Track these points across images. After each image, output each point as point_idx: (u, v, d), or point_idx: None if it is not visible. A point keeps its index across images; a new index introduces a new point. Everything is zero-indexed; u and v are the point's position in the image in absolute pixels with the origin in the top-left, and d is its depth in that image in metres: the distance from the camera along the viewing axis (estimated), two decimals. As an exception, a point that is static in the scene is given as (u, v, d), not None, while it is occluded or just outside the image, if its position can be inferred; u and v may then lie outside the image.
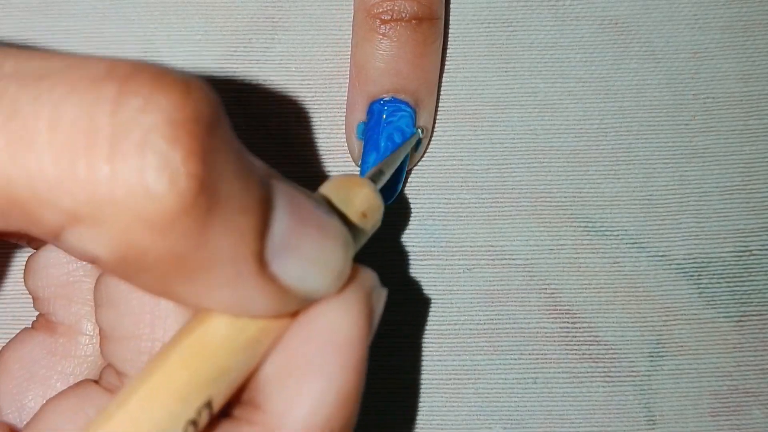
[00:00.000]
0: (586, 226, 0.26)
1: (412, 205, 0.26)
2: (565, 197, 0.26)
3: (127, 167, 0.12)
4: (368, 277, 0.17)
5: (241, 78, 0.26)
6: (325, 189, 0.18)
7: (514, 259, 0.26)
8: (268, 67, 0.26)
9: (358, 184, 0.18)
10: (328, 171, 0.26)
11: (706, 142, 0.26)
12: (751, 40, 0.26)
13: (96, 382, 0.18)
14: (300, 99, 0.26)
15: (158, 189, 0.12)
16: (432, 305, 0.25)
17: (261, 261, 0.14)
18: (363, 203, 0.18)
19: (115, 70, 0.13)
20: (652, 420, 0.25)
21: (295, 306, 0.15)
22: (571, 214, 0.26)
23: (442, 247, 0.26)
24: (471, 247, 0.26)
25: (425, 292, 0.25)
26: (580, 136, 0.26)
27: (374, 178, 0.20)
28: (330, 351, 0.16)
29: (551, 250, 0.26)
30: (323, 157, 0.26)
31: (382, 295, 0.18)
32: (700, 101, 0.26)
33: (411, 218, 0.26)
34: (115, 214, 0.12)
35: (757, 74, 0.26)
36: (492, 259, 0.26)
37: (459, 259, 0.25)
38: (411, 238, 0.26)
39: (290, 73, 0.26)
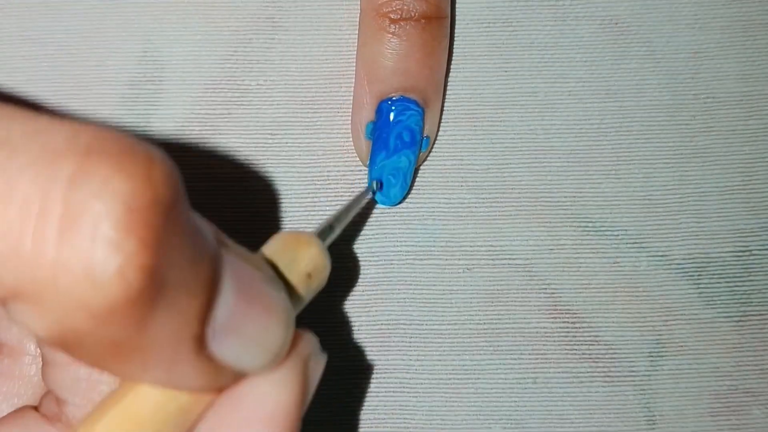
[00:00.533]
0: (586, 226, 0.26)
1: (412, 205, 0.26)
2: (565, 197, 0.26)
3: (74, 254, 0.12)
4: (307, 344, 0.17)
5: (240, 79, 0.26)
6: (272, 247, 0.17)
7: (514, 259, 0.26)
8: (267, 67, 0.26)
9: (306, 243, 0.18)
10: (328, 172, 0.26)
11: (706, 142, 0.26)
12: (751, 40, 0.26)
13: (36, 408, 0.18)
14: (300, 99, 0.26)
15: (104, 280, 0.12)
16: (432, 305, 0.25)
17: (200, 343, 0.14)
18: (309, 264, 0.18)
19: (77, 141, 0.12)
20: (651, 420, 0.25)
21: (230, 382, 0.15)
22: (571, 214, 0.26)
23: (442, 246, 0.26)
24: (471, 246, 0.26)
25: (425, 291, 0.25)
26: (580, 136, 0.26)
27: (323, 236, 0.19)
28: (260, 424, 0.15)
29: (551, 250, 0.26)
30: (323, 157, 0.26)
31: (320, 363, 0.17)
32: (700, 101, 0.26)
33: (411, 218, 0.26)
34: (57, 298, 0.12)
35: (757, 74, 0.26)
36: (492, 259, 0.26)
37: (459, 259, 0.25)
38: (411, 238, 0.26)
39: (290, 73, 0.26)
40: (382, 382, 0.25)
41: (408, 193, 0.25)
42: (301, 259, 0.18)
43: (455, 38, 0.26)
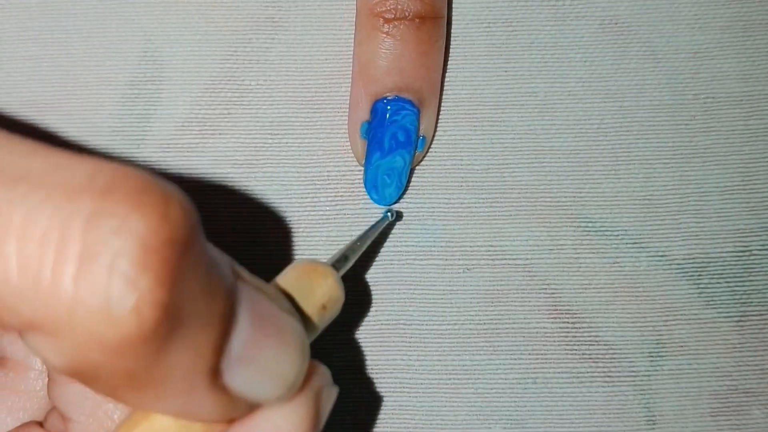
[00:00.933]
0: (586, 226, 0.26)
1: (412, 205, 0.26)
2: (565, 197, 0.26)
3: (91, 289, 0.12)
4: (320, 377, 0.17)
5: (240, 78, 0.26)
6: (287, 277, 0.17)
7: (514, 259, 0.26)
8: (267, 67, 0.26)
9: (322, 274, 0.18)
10: (328, 172, 0.26)
11: (706, 142, 0.26)
12: (751, 40, 0.26)
13: (41, 424, 0.18)
14: (300, 99, 0.26)
15: (120, 315, 0.12)
16: (432, 305, 0.25)
17: (215, 375, 0.14)
18: (324, 295, 0.18)
19: (96, 179, 0.12)
20: (652, 420, 0.25)
21: (244, 412, 0.15)
22: (571, 214, 0.26)
23: (442, 246, 0.26)
24: (471, 246, 0.26)
25: (425, 291, 0.25)
26: (580, 136, 0.26)
27: (338, 266, 0.19)
28: None
29: (551, 250, 0.26)
30: (323, 157, 0.26)
31: (331, 395, 0.18)
32: (700, 101, 0.26)
33: (411, 218, 0.26)
34: (73, 332, 0.12)
35: (757, 74, 0.26)
36: (492, 259, 0.26)
37: (459, 259, 0.25)
38: (411, 238, 0.26)
39: (290, 73, 0.26)
40: (382, 382, 0.25)
41: (404, 193, 0.25)
42: (317, 290, 0.18)
43: (455, 38, 0.26)
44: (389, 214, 0.24)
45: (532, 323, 0.25)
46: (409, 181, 0.25)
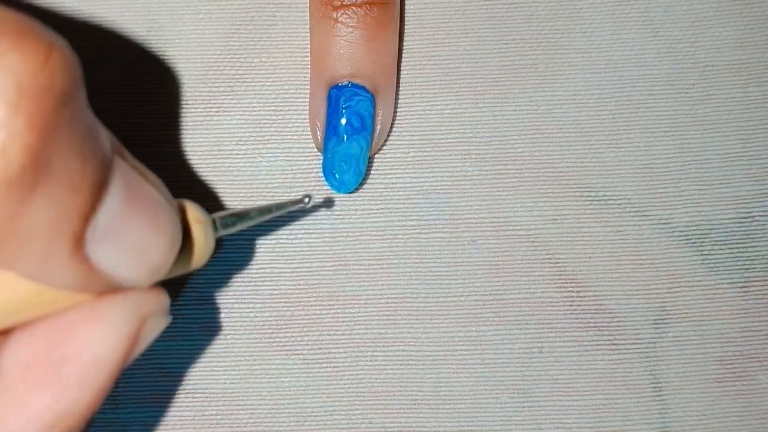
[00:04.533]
0: (588, 196, 0.26)
1: (415, 179, 0.26)
2: (568, 167, 0.26)
3: None
4: (154, 301, 0.16)
5: (243, 56, 0.26)
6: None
7: (517, 230, 0.26)
8: (270, 45, 0.26)
9: (198, 220, 0.17)
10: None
11: (706, 110, 0.26)
12: (749, 8, 0.26)
13: None
14: (303, 76, 0.26)
15: None
16: (437, 278, 0.26)
17: (78, 242, 0.14)
18: (196, 237, 0.17)
19: None
20: (657, 387, 0.25)
21: (99, 289, 0.15)
22: (574, 184, 0.26)
23: (446, 219, 0.26)
24: (475, 219, 0.26)
25: (430, 264, 0.26)
26: (581, 107, 0.26)
27: (220, 221, 0.19)
28: (74, 371, 0.15)
29: (554, 220, 0.26)
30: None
31: (159, 324, 0.17)
32: (699, 70, 0.26)
33: (414, 192, 0.26)
34: None
35: (755, 42, 0.26)
36: (496, 231, 0.26)
37: (463, 231, 0.26)
38: (415, 212, 0.26)
39: (292, 50, 0.26)
40: (389, 355, 0.25)
41: (365, 180, 0.25)
42: (196, 213, 0.17)
43: (455, 12, 0.26)
44: (306, 199, 0.22)
45: (536, 293, 0.26)
46: (370, 168, 0.26)
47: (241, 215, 0.20)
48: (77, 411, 0.15)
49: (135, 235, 0.14)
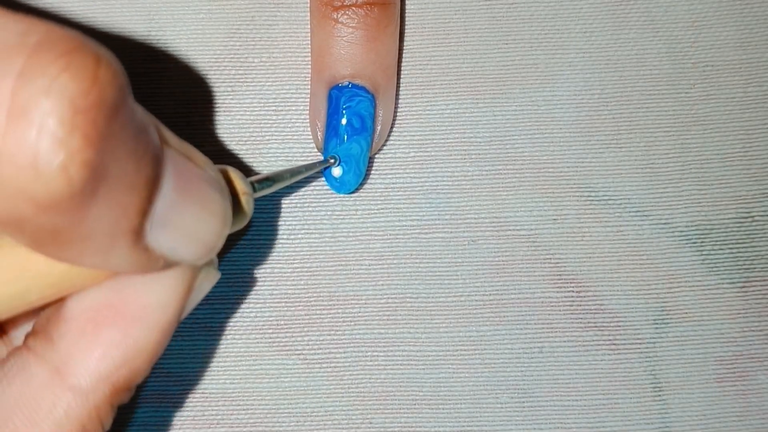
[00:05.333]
0: (589, 196, 0.26)
1: (415, 179, 0.26)
2: (568, 167, 0.26)
3: (20, 146, 0.12)
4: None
5: (244, 56, 0.26)
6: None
7: (518, 230, 0.26)
8: (270, 45, 0.26)
9: (238, 179, 0.18)
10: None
11: (706, 110, 0.26)
12: (749, 8, 0.26)
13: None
14: (303, 75, 0.26)
15: (47, 173, 0.12)
16: (438, 278, 0.26)
17: (137, 236, 0.14)
18: (244, 188, 0.18)
19: (28, 37, 0.12)
20: (658, 387, 0.25)
21: (157, 269, 0.16)
22: (574, 184, 0.26)
23: (446, 219, 0.26)
24: (475, 219, 0.26)
25: (431, 264, 0.26)
26: (582, 107, 0.26)
27: (257, 185, 0.20)
28: (137, 311, 0.16)
29: (555, 220, 0.26)
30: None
31: (211, 276, 0.18)
32: (700, 69, 0.26)
33: (415, 192, 0.26)
34: (1, 185, 0.12)
35: (755, 42, 0.26)
36: (496, 231, 0.26)
37: (464, 231, 0.26)
38: (416, 212, 0.26)
39: (292, 50, 0.26)
40: (390, 355, 0.25)
41: (365, 180, 0.25)
42: (240, 183, 0.18)
43: (456, 12, 0.26)
44: (333, 159, 0.24)
45: (537, 293, 0.26)
46: (372, 167, 0.26)
47: (275, 177, 0.21)
48: (143, 351, 0.16)
49: (189, 219, 0.15)
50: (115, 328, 0.16)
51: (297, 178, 0.22)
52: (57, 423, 0.16)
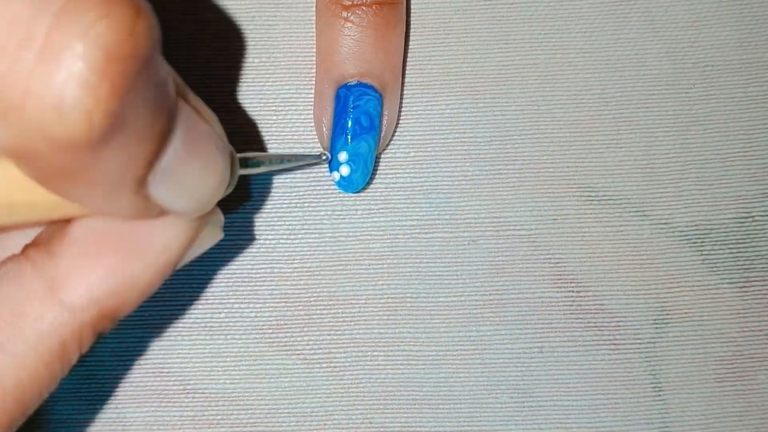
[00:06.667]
0: (589, 196, 0.26)
1: (415, 179, 0.26)
2: (568, 167, 0.26)
3: (47, 85, 0.12)
4: (215, 216, 0.18)
5: (246, 55, 0.26)
6: None
7: (518, 230, 0.26)
8: (271, 45, 0.26)
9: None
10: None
11: (706, 110, 0.26)
12: (749, 8, 0.26)
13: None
14: (303, 76, 0.26)
15: (71, 116, 0.12)
16: (438, 278, 0.26)
17: (140, 184, 0.15)
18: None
19: None
20: (658, 386, 0.25)
21: (153, 216, 0.16)
22: (574, 184, 0.26)
23: (446, 219, 0.26)
24: (475, 218, 0.26)
25: (431, 264, 0.26)
26: (582, 107, 0.26)
27: (243, 160, 0.20)
28: (141, 246, 0.17)
29: (555, 220, 0.26)
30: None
31: (215, 233, 0.19)
32: (700, 69, 0.26)
33: (415, 192, 0.26)
34: (21, 119, 0.12)
35: (755, 41, 0.26)
36: (496, 231, 0.26)
37: (464, 231, 0.26)
38: (416, 212, 0.26)
39: (293, 50, 0.26)
40: (390, 355, 0.25)
41: (372, 179, 0.25)
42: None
43: (456, 12, 0.26)
44: (323, 156, 0.24)
45: (537, 293, 0.26)
46: (376, 167, 0.26)
47: (262, 159, 0.21)
48: (137, 285, 0.17)
49: (191, 174, 0.15)
50: (117, 256, 0.16)
51: (285, 166, 0.22)
52: (40, 333, 0.16)
